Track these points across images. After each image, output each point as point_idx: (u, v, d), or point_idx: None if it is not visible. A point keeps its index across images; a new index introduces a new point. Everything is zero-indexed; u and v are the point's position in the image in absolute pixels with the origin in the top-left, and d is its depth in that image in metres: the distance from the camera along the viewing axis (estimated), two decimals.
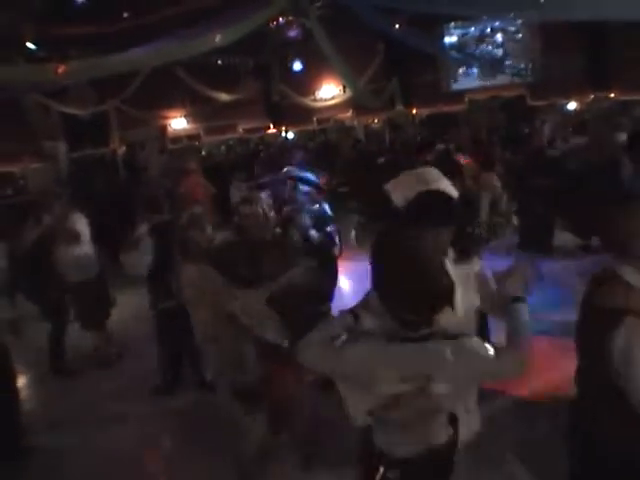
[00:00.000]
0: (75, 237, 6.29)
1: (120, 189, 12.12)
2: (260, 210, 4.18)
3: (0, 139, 13.99)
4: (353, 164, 12.42)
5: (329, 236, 5.72)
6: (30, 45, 11.32)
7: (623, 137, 8.64)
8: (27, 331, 6.61)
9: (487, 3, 12.37)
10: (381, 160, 12.98)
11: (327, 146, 17.79)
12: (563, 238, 8.62)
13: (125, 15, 12.62)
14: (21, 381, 6.07)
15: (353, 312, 2.32)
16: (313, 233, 5.48)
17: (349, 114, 21.34)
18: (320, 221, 5.64)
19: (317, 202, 5.78)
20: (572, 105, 18.24)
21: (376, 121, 21.82)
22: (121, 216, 9.12)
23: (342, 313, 2.35)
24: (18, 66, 10.33)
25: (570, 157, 9.23)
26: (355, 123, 21.61)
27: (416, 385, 2.06)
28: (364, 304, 2.40)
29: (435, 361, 2.06)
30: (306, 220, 5.53)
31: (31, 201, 11.73)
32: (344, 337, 2.23)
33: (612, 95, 17.26)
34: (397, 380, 2.07)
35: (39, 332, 6.88)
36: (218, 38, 11.88)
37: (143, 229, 5.89)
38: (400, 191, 2.58)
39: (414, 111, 20.61)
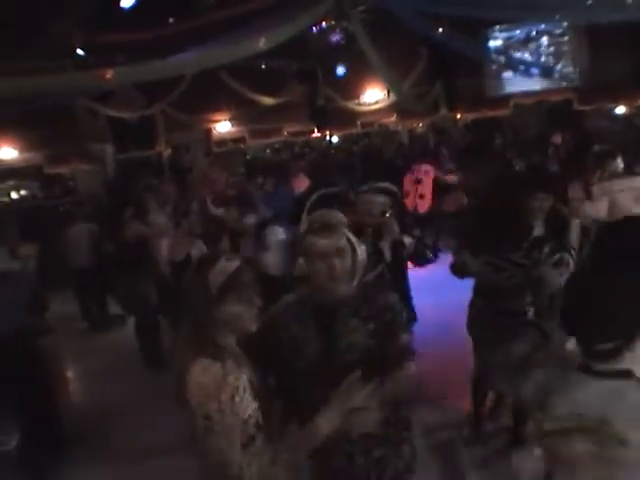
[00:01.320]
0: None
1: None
2: (347, 245, 2.50)
3: (51, 142, 14.46)
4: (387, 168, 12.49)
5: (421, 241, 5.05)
6: (79, 51, 11.65)
7: None
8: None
9: (532, 6, 12.23)
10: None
11: (371, 150, 17.82)
12: None
13: (171, 21, 12.86)
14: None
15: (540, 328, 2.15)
16: (406, 239, 4.57)
17: (393, 118, 21.26)
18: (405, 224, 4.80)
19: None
20: (621, 109, 17.83)
21: (420, 125, 21.72)
22: None
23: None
24: (68, 74, 10.64)
25: None
26: (399, 127, 21.53)
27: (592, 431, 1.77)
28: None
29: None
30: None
31: (79, 202, 12.17)
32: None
33: None
34: (569, 416, 1.83)
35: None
36: (262, 42, 12.03)
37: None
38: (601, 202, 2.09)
39: (458, 116, 20.44)
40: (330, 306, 2.48)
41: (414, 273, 4.96)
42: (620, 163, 4.86)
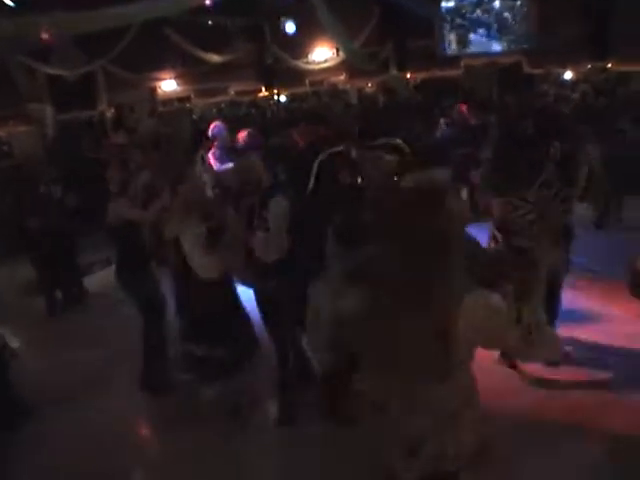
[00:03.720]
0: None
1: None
2: None
3: None
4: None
5: None
6: (8, 2, 10.77)
7: None
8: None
9: None
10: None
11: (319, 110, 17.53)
12: None
13: None
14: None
15: None
16: None
17: (342, 77, 21.00)
18: None
19: None
20: (568, 75, 17.95)
21: (370, 85, 21.48)
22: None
23: None
24: None
25: None
26: (348, 87, 21.27)
27: None
28: None
29: None
30: None
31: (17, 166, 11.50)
32: None
33: (609, 66, 17.02)
34: None
35: None
36: None
37: None
38: None
39: (408, 75, 20.30)
40: None
41: None
42: None
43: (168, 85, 19.01)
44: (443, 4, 19.00)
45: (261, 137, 7.61)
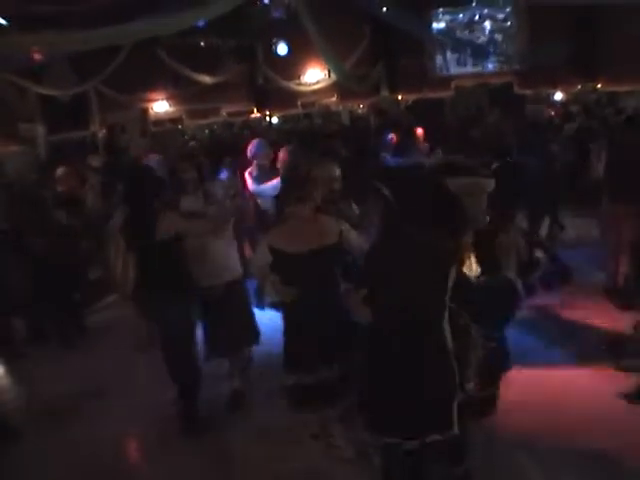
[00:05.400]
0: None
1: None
2: None
3: None
4: None
5: None
6: (1, 21, 10.76)
7: None
8: None
9: None
10: None
11: (312, 131, 17.55)
12: None
13: None
14: None
15: None
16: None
17: (334, 99, 21.06)
18: None
19: None
20: (558, 95, 18.09)
21: (361, 106, 21.56)
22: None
23: None
24: None
25: None
26: (340, 108, 21.34)
27: None
28: None
29: None
30: None
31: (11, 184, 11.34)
32: None
33: (599, 86, 17.17)
34: None
35: None
36: (200, 14, 11.65)
37: None
38: None
39: (400, 96, 20.39)
40: None
41: None
42: None
43: (160, 106, 19.04)
44: (434, 25, 19.17)
45: None
